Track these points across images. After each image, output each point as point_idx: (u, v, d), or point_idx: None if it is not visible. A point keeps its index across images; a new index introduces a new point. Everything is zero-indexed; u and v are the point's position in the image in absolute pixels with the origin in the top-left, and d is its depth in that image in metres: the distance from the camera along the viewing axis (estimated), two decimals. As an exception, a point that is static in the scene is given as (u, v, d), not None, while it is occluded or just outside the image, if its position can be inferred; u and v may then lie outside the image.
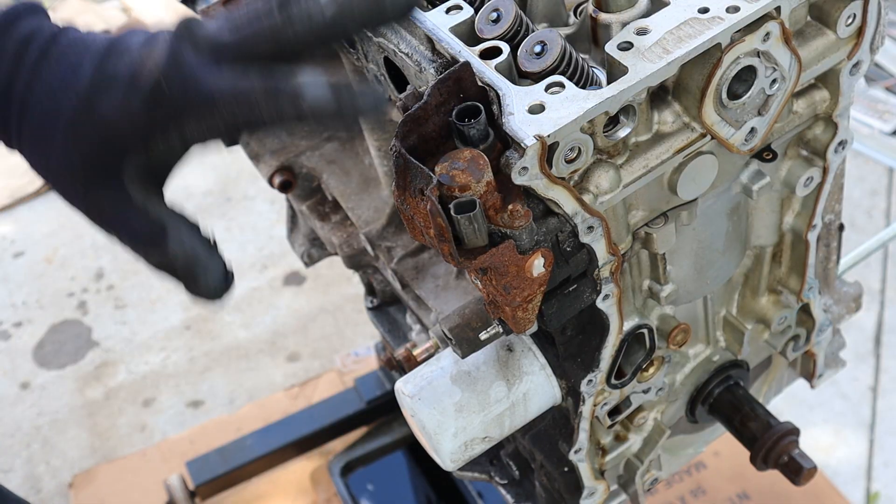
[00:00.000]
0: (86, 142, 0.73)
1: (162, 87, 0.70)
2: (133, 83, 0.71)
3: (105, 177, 0.73)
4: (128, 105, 0.71)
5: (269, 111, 0.69)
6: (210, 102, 0.70)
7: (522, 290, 0.81)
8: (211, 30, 0.73)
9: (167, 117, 0.71)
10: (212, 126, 0.71)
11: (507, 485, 1.24)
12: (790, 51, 0.85)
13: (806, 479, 1.14)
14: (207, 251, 0.75)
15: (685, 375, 1.13)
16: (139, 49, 0.73)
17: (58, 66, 0.74)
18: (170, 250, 0.74)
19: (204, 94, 0.70)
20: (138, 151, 0.72)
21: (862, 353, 2.33)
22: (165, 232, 0.74)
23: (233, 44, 0.71)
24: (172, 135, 0.71)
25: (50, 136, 0.74)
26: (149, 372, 2.53)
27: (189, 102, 0.70)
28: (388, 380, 2.13)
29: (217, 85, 0.70)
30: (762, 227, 1.05)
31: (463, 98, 0.79)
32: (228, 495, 2.13)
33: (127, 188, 0.73)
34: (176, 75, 0.71)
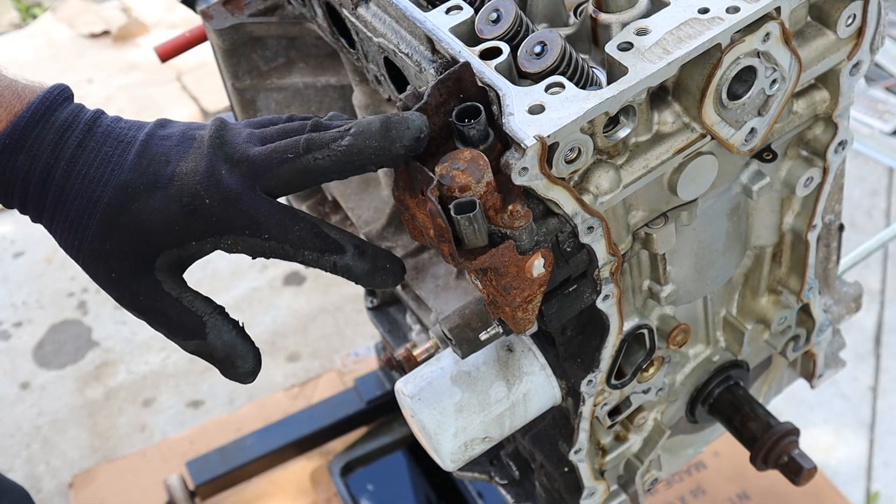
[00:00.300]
0: (121, 236, 0.78)
1: (203, 201, 0.76)
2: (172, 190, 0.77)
3: (137, 270, 0.78)
4: (166, 211, 0.77)
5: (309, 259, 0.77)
6: (254, 229, 0.76)
7: (522, 291, 0.81)
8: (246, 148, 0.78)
9: (205, 229, 0.77)
10: (248, 247, 0.77)
11: (507, 485, 1.24)
12: (790, 51, 0.85)
13: (806, 479, 1.14)
14: (243, 342, 0.81)
15: (685, 376, 1.13)
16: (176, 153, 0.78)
17: (94, 159, 0.79)
18: (209, 342, 0.80)
19: (248, 220, 0.76)
20: (174, 250, 0.78)
21: (862, 353, 2.33)
22: (204, 325, 0.80)
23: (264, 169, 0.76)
24: (207, 242, 0.77)
25: (86, 225, 0.79)
26: (149, 372, 2.53)
27: (230, 221, 0.76)
28: (388, 380, 2.13)
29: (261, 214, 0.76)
30: (762, 227, 1.05)
31: (463, 98, 0.79)
32: (228, 495, 2.13)
33: (159, 280, 0.79)
34: (215, 191, 0.76)
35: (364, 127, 0.76)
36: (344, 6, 0.98)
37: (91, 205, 0.78)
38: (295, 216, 0.77)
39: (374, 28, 0.94)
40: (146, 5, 3.70)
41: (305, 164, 0.76)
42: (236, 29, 1.22)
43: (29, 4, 3.93)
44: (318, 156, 0.76)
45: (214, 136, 0.78)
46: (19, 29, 3.81)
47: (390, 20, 0.92)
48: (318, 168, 0.76)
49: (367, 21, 0.95)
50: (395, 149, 0.75)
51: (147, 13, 3.67)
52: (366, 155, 0.75)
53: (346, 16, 0.98)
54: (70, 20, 3.75)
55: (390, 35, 0.92)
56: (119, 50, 3.59)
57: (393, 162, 0.77)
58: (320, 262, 0.77)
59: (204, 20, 1.24)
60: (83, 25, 3.70)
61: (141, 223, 0.77)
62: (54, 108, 0.81)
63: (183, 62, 3.29)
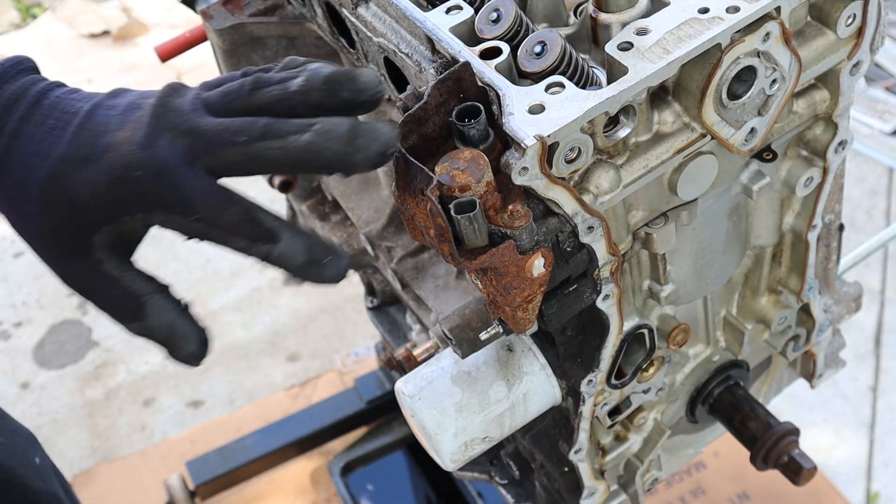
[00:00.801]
0: (56, 213, 0.74)
1: (132, 173, 0.71)
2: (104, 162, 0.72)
3: (76, 248, 0.74)
4: (96, 183, 0.72)
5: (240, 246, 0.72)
6: (186, 205, 0.71)
7: (522, 291, 0.81)
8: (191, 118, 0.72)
9: (135, 204, 0.72)
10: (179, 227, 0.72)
11: (508, 485, 1.24)
12: (790, 51, 0.85)
13: (806, 479, 1.14)
14: (186, 321, 0.77)
15: (685, 375, 1.13)
16: (117, 122, 0.74)
17: (36, 132, 0.75)
18: (149, 323, 0.76)
19: (178, 195, 0.71)
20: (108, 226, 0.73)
21: (862, 353, 2.33)
22: (143, 305, 0.75)
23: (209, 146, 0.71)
24: (138, 218, 0.72)
25: (24, 203, 0.75)
26: (149, 372, 2.53)
27: (161, 196, 0.71)
28: (388, 380, 2.13)
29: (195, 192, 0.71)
30: (762, 227, 1.05)
31: (463, 98, 0.79)
32: (228, 495, 2.13)
33: (100, 259, 0.74)
34: (149, 163, 0.71)
35: (330, 127, 0.70)
36: (344, 6, 0.98)
37: (28, 181, 0.74)
38: (230, 199, 0.71)
39: (374, 28, 0.94)
40: (146, 5, 3.70)
41: (256, 152, 0.70)
42: (236, 29, 1.22)
43: (29, 4, 3.93)
44: (272, 145, 0.70)
45: (158, 103, 0.73)
46: (19, 29, 3.81)
47: (390, 20, 0.92)
48: (269, 158, 0.70)
49: (367, 21, 0.95)
50: (357, 160, 0.70)
51: (147, 13, 3.67)
52: (324, 158, 0.70)
53: (346, 16, 0.98)
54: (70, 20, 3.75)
55: (390, 35, 0.92)
56: (119, 50, 3.59)
57: (350, 171, 0.71)
58: (252, 251, 0.72)
59: (204, 20, 1.24)
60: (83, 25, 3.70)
61: (73, 198, 0.73)
62: (5, 79, 0.77)
63: (183, 62, 3.29)
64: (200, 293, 2.70)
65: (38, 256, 0.77)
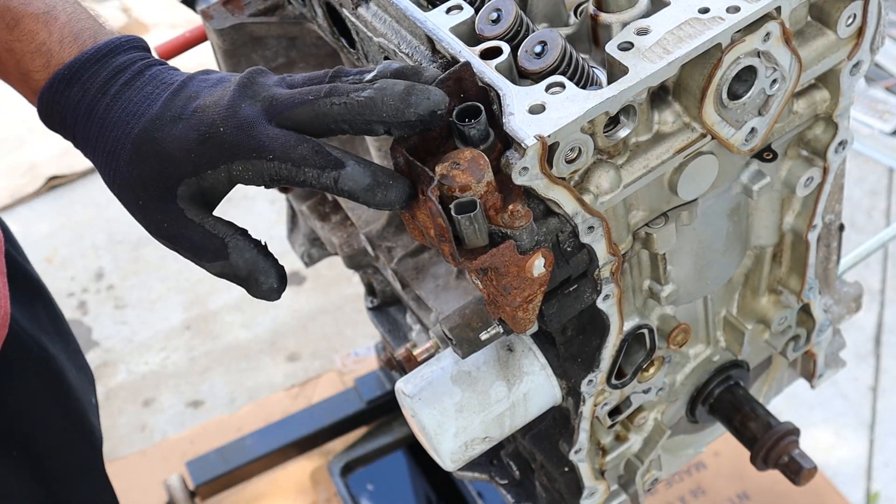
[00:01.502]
0: (146, 165, 0.81)
1: (217, 129, 0.79)
2: (193, 120, 0.80)
3: (161, 198, 0.81)
4: (185, 139, 0.80)
5: (310, 177, 0.78)
6: (259, 151, 0.78)
7: (523, 291, 0.81)
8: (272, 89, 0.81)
9: (219, 155, 0.79)
10: (258, 171, 0.79)
11: (508, 485, 1.24)
12: (790, 51, 0.85)
13: (806, 479, 1.14)
14: (266, 259, 0.83)
15: (685, 375, 1.13)
16: (208, 91, 0.82)
17: (135, 95, 0.84)
18: (232, 262, 0.82)
19: (255, 143, 0.78)
20: (191, 179, 0.80)
21: (862, 353, 2.33)
22: (226, 246, 0.82)
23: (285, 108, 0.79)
24: (221, 170, 0.79)
25: (118, 156, 0.83)
26: (149, 372, 2.53)
27: (240, 146, 0.78)
28: (388, 380, 2.13)
29: (269, 138, 0.78)
30: (762, 227, 1.05)
31: (463, 98, 0.79)
32: (228, 495, 2.13)
33: (181, 208, 0.81)
34: (230, 120, 0.79)
35: (387, 85, 0.77)
36: (344, 6, 0.98)
37: (124, 136, 0.82)
38: (300, 139, 0.78)
39: (374, 28, 0.94)
40: (146, 5, 3.69)
41: (321, 108, 0.78)
42: (236, 29, 1.22)
43: (29, 4, 3.92)
44: (335, 101, 0.77)
45: (245, 77, 0.82)
46: (19, 29, 3.81)
47: (390, 20, 0.92)
48: (332, 113, 0.78)
49: (368, 21, 0.95)
50: (409, 114, 0.76)
51: (147, 13, 3.67)
52: (379, 112, 0.76)
53: (346, 16, 0.98)
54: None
55: (391, 35, 0.92)
56: (119, 50, 3.58)
57: (403, 128, 0.77)
58: (321, 180, 0.78)
59: (204, 20, 1.24)
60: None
61: (162, 151, 0.81)
62: (118, 52, 0.87)
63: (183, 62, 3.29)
64: (200, 293, 2.70)
65: (126, 207, 0.85)
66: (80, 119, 0.86)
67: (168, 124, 0.81)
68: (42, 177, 3.06)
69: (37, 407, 1.13)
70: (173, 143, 0.80)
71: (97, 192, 3.00)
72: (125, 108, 0.83)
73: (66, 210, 2.98)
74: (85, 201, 3.00)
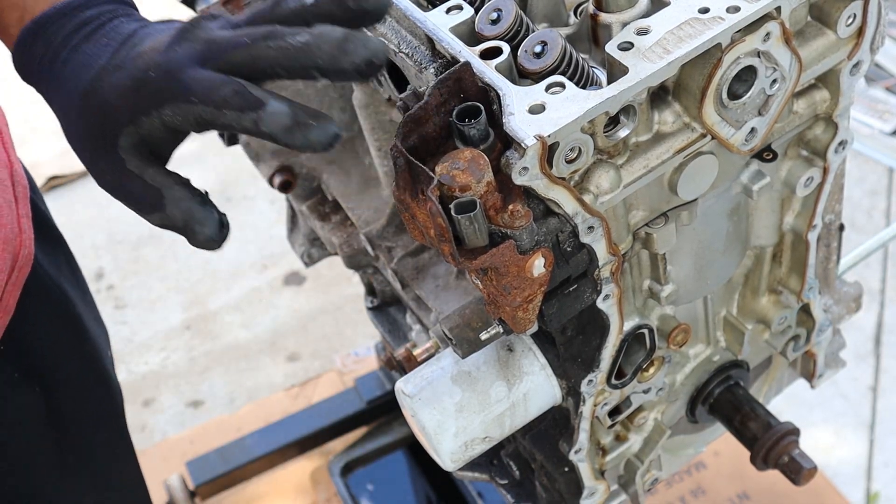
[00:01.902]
0: (91, 117, 0.82)
1: (149, 73, 0.79)
2: (130, 67, 0.80)
3: (104, 147, 0.81)
4: (121, 86, 0.80)
5: (232, 119, 0.76)
6: (185, 94, 0.77)
7: (523, 291, 0.81)
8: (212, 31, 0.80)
9: (149, 101, 0.78)
10: (184, 115, 0.78)
11: (508, 485, 1.24)
12: (790, 51, 0.85)
13: (806, 479, 1.14)
14: (202, 208, 0.81)
15: (685, 375, 1.13)
16: (150, 40, 0.82)
17: (91, 48, 0.84)
18: (168, 212, 0.81)
19: (181, 86, 0.77)
20: (130, 127, 0.80)
21: (862, 353, 2.33)
22: (162, 197, 0.81)
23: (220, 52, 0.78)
24: (153, 116, 0.79)
25: (69, 109, 0.84)
26: (149, 372, 2.53)
27: (168, 90, 0.78)
28: (388, 380, 2.13)
29: (194, 80, 0.77)
30: (762, 227, 1.05)
31: (463, 98, 0.79)
32: (228, 495, 2.13)
33: (122, 158, 0.81)
34: (163, 64, 0.79)
35: (325, 31, 0.75)
36: (344, 6, 0.98)
37: (74, 89, 0.83)
38: (224, 81, 0.77)
39: (374, 28, 0.94)
40: (146, 5, 3.69)
41: (256, 51, 0.76)
42: (236, 29, 1.21)
43: (29, 4, 3.93)
44: (270, 44, 0.76)
45: (189, 21, 0.81)
46: (19, 29, 3.81)
47: (390, 20, 0.92)
48: (267, 57, 0.76)
49: (368, 21, 0.95)
50: (345, 62, 0.74)
51: (147, 13, 3.66)
52: (314, 58, 0.75)
53: (346, 16, 0.98)
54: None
55: (390, 35, 0.92)
56: (119, 50, 3.58)
57: (339, 77, 0.76)
58: (242, 121, 0.76)
59: (204, 20, 1.24)
60: None
61: (103, 101, 0.81)
62: (90, 5, 0.87)
63: (183, 62, 3.29)
64: (200, 293, 2.71)
65: (78, 158, 0.85)
66: (44, 74, 0.86)
67: (110, 74, 0.81)
68: (42, 177, 3.06)
69: (56, 348, 1.15)
70: (111, 92, 0.80)
71: (97, 192, 2.98)
72: (79, 61, 0.84)
73: (66, 210, 2.98)
74: (85, 201, 3.00)
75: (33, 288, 1.07)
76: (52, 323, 1.14)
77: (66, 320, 1.17)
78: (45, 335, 1.13)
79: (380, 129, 1.17)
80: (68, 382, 1.17)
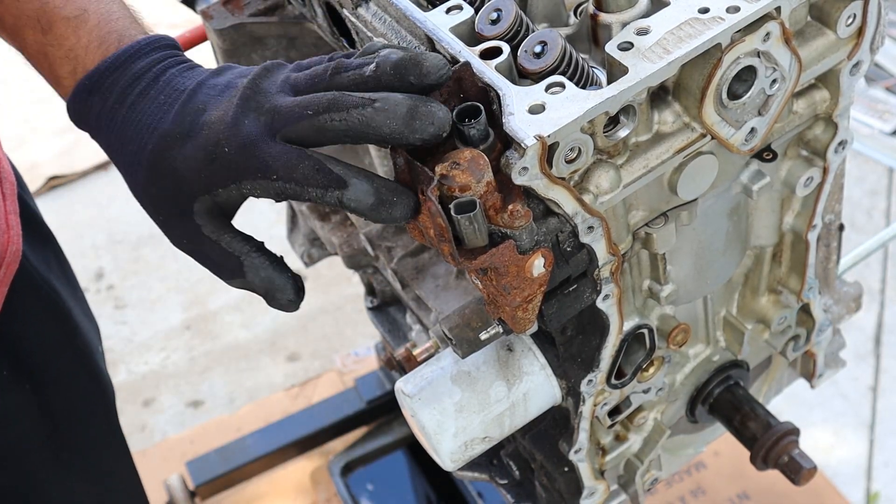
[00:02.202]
0: (161, 183, 0.83)
1: (222, 148, 0.80)
2: (200, 139, 0.81)
3: (179, 214, 0.83)
4: (193, 159, 0.81)
5: (315, 195, 0.78)
6: (264, 171, 0.78)
7: (522, 291, 0.81)
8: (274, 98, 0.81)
9: (226, 175, 0.80)
10: (265, 190, 0.79)
11: (508, 485, 1.24)
12: (790, 51, 0.85)
13: (806, 479, 1.14)
14: (280, 275, 0.84)
15: (685, 375, 1.13)
16: (214, 102, 0.83)
17: (149, 106, 0.85)
18: (249, 280, 0.84)
19: (259, 163, 0.78)
20: (205, 196, 0.81)
21: (862, 353, 2.33)
22: (241, 264, 0.84)
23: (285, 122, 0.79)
24: (231, 189, 0.80)
25: (136, 170, 0.85)
26: (149, 372, 2.53)
27: (245, 166, 0.79)
28: (388, 380, 2.13)
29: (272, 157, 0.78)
30: (762, 227, 1.05)
31: (463, 98, 0.79)
32: (228, 495, 2.13)
33: (199, 224, 0.83)
34: (234, 139, 0.79)
35: (389, 106, 0.76)
36: (344, 6, 0.98)
37: (140, 151, 0.84)
38: (302, 155, 0.78)
39: (374, 28, 0.94)
40: (146, 5, 3.69)
41: (322, 123, 0.78)
42: (236, 29, 1.22)
43: (29, 4, 3.93)
44: (335, 117, 0.77)
45: (248, 85, 0.82)
46: (19, 29, 3.81)
47: (391, 20, 0.92)
48: (334, 129, 0.78)
49: (368, 21, 0.95)
50: (413, 138, 0.76)
51: (147, 13, 3.66)
52: (381, 133, 0.76)
53: (346, 16, 0.98)
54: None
55: (391, 35, 0.92)
56: (119, 50, 3.58)
57: (405, 146, 0.78)
58: (326, 198, 0.78)
59: (204, 20, 1.24)
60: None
61: (175, 170, 0.82)
62: (139, 56, 0.87)
63: (183, 62, 3.29)
64: (200, 293, 2.71)
65: (149, 215, 0.86)
66: (102, 129, 0.87)
67: (178, 142, 0.82)
68: (42, 177, 3.06)
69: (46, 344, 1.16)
70: (184, 162, 0.81)
71: (97, 192, 3.00)
72: (140, 121, 0.84)
73: (66, 210, 2.98)
74: (85, 201, 3.00)
75: (22, 285, 1.07)
76: (42, 319, 1.15)
77: (55, 316, 1.17)
78: (34, 332, 1.14)
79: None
80: (59, 379, 1.17)
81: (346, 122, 0.77)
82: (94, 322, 1.31)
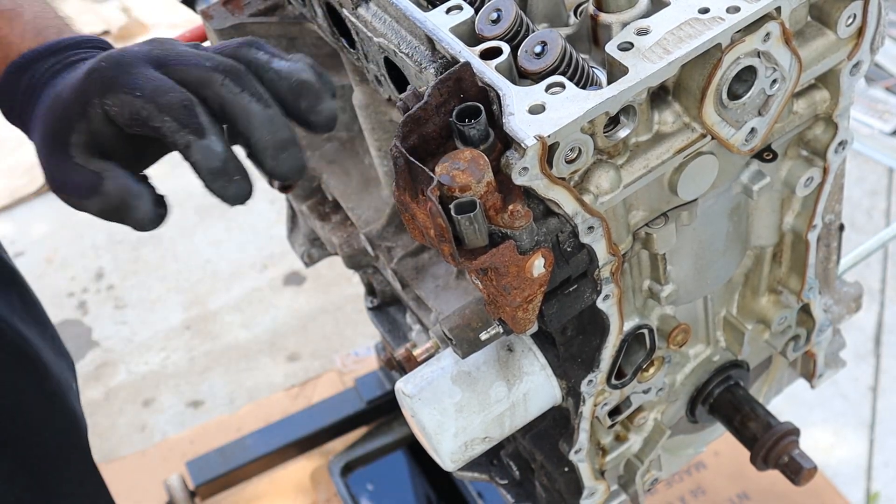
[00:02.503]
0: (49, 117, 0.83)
1: (101, 64, 0.80)
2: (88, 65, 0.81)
3: (58, 147, 0.82)
4: (75, 79, 0.81)
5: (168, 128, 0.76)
6: (129, 86, 0.77)
7: (522, 291, 0.81)
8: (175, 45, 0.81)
9: (96, 88, 0.79)
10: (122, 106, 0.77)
11: (508, 485, 1.24)
12: (790, 51, 0.85)
13: (806, 479, 1.14)
14: (137, 184, 0.80)
15: (685, 375, 1.13)
16: None
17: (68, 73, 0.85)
18: (105, 191, 0.80)
19: (129, 79, 0.77)
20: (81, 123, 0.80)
21: (862, 353, 2.33)
22: (102, 178, 0.80)
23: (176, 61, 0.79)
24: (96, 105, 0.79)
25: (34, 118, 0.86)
26: (149, 372, 2.53)
27: (114, 79, 0.78)
28: (388, 380, 2.13)
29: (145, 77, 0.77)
30: (762, 227, 1.05)
31: (463, 98, 0.79)
32: (228, 495, 2.13)
33: (72, 154, 0.81)
34: (116, 58, 0.80)
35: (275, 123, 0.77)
36: (344, 6, 0.98)
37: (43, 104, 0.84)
38: (177, 88, 0.77)
39: (374, 28, 0.94)
40: (146, 5, 3.69)
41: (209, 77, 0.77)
42: (236, 29, 1.22)
43: (29, 4, 3.92)
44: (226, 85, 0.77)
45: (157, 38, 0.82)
46: (19, 29, 3.81)
47: (390, 20, 0.92)
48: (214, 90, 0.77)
49: (368, 21, 0.95)
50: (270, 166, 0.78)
51: (147, 13, 3.67)
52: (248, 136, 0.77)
53: (346, 16, 0.98)
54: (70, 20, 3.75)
55: (390, 35, 0.92)
56: (119, 50, 3.58)
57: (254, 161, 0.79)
58: (176, 136, 0.76)
59: (204, 20, 1.24)
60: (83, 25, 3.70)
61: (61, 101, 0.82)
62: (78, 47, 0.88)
63: (183, 62, 3.29)
64: (200, 293, 2.71)
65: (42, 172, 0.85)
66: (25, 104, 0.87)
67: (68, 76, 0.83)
68: (42, 177, 3.06)
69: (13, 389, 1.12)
70: (67, 88, 0.82)
71: (97, 192, 3.00)
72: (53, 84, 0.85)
73: (66, 210, 2.95)
74: (85, 201, 3.00)
75: None
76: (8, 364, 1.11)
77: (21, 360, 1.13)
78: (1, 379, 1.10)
79: (380, 129, 1.17)
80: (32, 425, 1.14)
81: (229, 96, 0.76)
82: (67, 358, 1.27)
